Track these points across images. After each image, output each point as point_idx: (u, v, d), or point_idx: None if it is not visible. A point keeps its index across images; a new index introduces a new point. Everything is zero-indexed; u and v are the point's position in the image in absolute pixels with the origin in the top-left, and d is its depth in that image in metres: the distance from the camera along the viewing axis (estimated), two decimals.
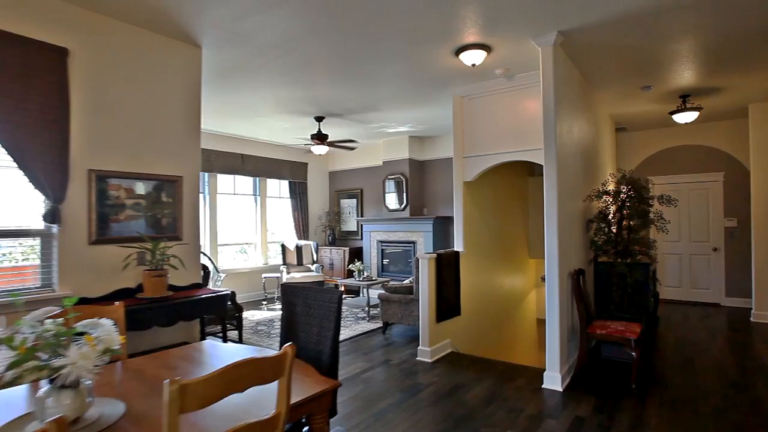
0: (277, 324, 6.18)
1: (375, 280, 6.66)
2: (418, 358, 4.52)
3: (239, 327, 4.97)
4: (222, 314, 3.56)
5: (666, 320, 6.05)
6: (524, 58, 4.24)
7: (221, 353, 2.26)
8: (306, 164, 9.08)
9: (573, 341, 4.12)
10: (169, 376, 1.34)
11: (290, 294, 2.48)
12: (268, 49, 4.01)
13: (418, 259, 4.69)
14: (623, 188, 4.60)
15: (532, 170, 7.66)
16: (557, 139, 3.80)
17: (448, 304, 4.77)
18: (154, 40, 3.57)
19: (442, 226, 7.85)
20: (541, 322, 7.94)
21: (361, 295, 6.99)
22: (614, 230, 4.55)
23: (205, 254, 6.80)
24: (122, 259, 3.23)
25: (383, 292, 5.61)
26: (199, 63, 3.93)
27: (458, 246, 5.13)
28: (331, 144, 6.65)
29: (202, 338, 3.74)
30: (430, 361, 4.43)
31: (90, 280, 3.08)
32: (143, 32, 3.50)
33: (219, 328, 4.88)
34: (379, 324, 5.86)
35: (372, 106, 5.93)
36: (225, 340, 3.68)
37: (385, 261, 8.32)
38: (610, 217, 4.58)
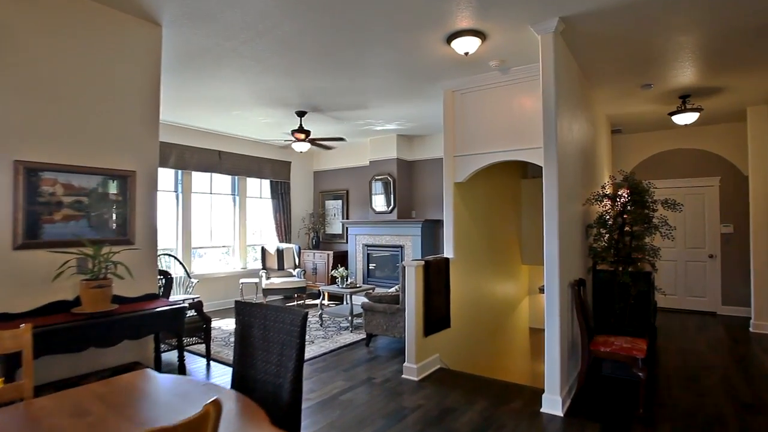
0: None
1: (359, 287, 6.24)
2: (403, 376, 4.10)
3: (207, 340, 4.51)
4: (178, 330, 3.12)
5: (663, 330, 5.73)
6: (521, 48, 3.87)
7: (153, 389, 1.82)
8: (289, 163, 8.63)
9: (572, 358, 3.75)
10: (73, 428, 1.05)
11: (245, 313, 2.06)
12: (238, 31, 3.58)
13: (404, 267, 4.28)
14: (624, 191, 4.26)
15: (525, 172, 7.33)
16: (558, 138, 3.42)
17: (436, 316, 4.37)
18: (105, 14, 3.12)
19: (431, 230, 7.47)
20: (534, 331, 7.60)
21: (345, 302, 6.57)
22: (615, 236, 4.20)
23: (175, 257, 6.32)
24: (57, 266, 2.76)
25: (366, 301, 5.19)
26: (158, 43, 3.48)
27: (448, 251, 4.74)
28: (313, 141, 6.22)
29: (157, 357, 3.28)
30: (416, 379, 4.02)
31: (13, 292, 2.61)
32: (93, 4, 3.05)
33: (191, 340, 4.43)
34: (364, 335, 5.44)
35: (357, 100, 5.52)
36: (181, 360, 3.23)
37: (372, 266, 7.90)
38: (610, 222, 4.22)
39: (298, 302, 7.76)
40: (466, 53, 3.65)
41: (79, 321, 2.59)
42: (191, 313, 4.43)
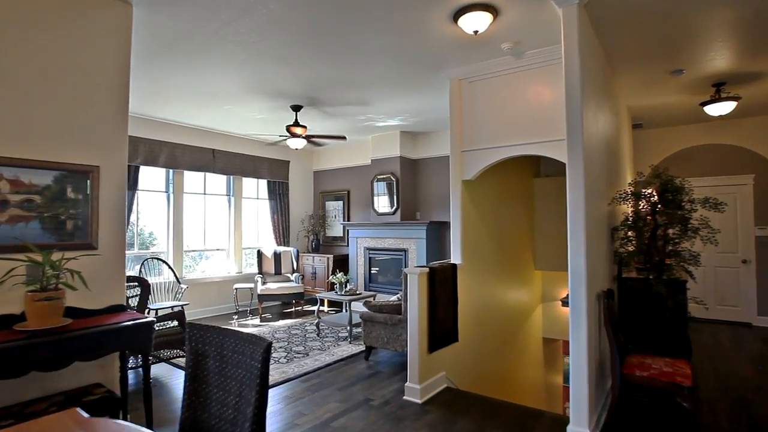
0: None
1: (359, 294, 5.80)
2: (405, 398, 3.65)
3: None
4: (143, 347, 2.69)
5: (695, 345, 5.21)
6: (538, 28, 3.42)
7: None
8: (287, 162, 8.22)
9: (600, 382, 3.27)
10: None
11: (199, 339, 1.63)
12: (219, 10, 3.17)
13: (406, 274, 3.84)
14: (653, 189, 3.78)
15: (538, 170, 6.86)
16: (584, 129, 2.96)
17: (442, 329, 3.91)
18: None
19: (437, 233, 7.01)
20: (547, 341, 7.11)
21: (344, 310, 6.14)
22: (646, 240, 3.72)
23: (164, 262, 5.93)
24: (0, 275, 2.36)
25: (366, 310, 4.75)
26: (128, 23, 3.07)
27: (455, 256, 4.29)
28: (310, 138, 5.80)
29: (123, 378, 2.86)
30: (419, 401, 3.57)
31: None
32: None
33: (172, 353, 4.02)
34: (363, 346, 4.99)
35: (356, 92, 5.09)
36: (147, 384, 2.80)
37: (374, 271, 7.46)
38: (640, 224, 3.75)
39: (296, 308, 7.34)
40: (476, 32, 3.20)
41: (18, 340, 2.17)
42: (172, 323, 4.02)
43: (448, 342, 4.00)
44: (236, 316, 6.73)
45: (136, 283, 3.76)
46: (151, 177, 6.47)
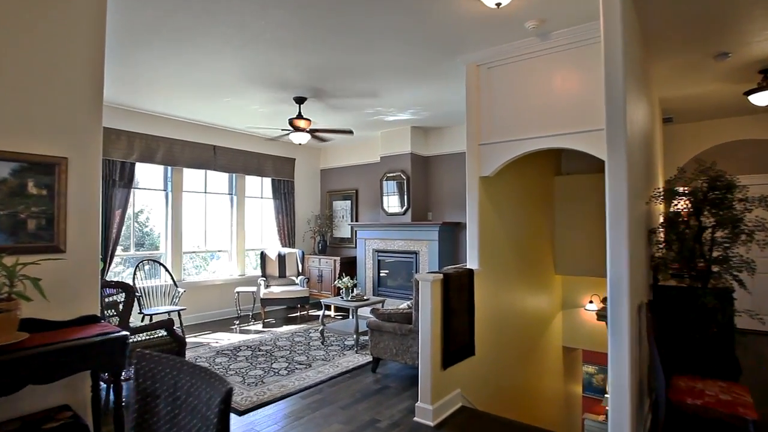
0: (245, 351, 4.95)
1: (367, 299, 5.41)
2: (416, 419, 3.25)
3: None
4: (114, 366, 2.34)
5: (741, 362, 4.72)
6: (567, 3, 3.00)
7: None
8: (293, 160, 7.88)
9: (640, 409, 2.84)
10: None
11: (149, 375, 1.25)
12: None
13: (417, 281, 3.44)
14: (698, 187, 3.33)
15: (559, 168, 6.40)
16: (627, 117, 2.54)
17: (458, 343, 3.51)
18: None
19: (450, 234, 6.60)
20: (567, 351, 6.65)
21: (350, 316, 5.77)
22: (690, 244, 3.27)
23: (160, 264, 5.61)
24: None
25: (373, 319, 4.36)
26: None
27: (472, 261, 3.88)
28: (314, 132, 5.43)
29: (95, 398, 2.51)
30: (432, 424, 3.17)
31: None
32: None
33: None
34: (371, 356, 4.60)
35: (364, 81, 4.71)
36: (118, 408, 2.44)
37: (383, 274, 7.07)
38: (682, 226, 3.30)
39: (301, 313, 6.98)
40: (498, 4, 2.79)
41: None
42: (161, 333, 3.67)
43: (464, 356, 3.60)
44: (237, 321, 6.39)
45: (120, 289, 3.42)
46: (149, 174, 6.17)
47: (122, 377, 2.90)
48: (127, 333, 2.38)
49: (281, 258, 7.05)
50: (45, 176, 2.42)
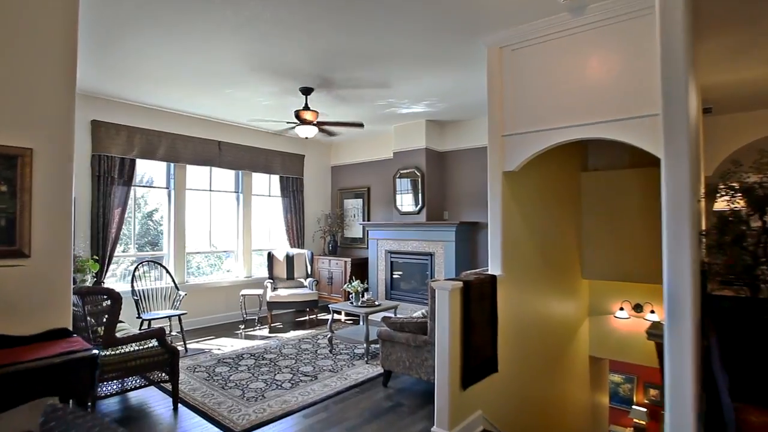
0: (247, 360, 4.63)
1: (378, 305, 5.04)
2: None
3: (173, 377, 3.42)
4: (78, 392, 2.01)
5: None
6: None
7: None
8: (302, 157, 7.54)
9: None
10: None
11: None
12: None
13: (433, 290, 3.06)
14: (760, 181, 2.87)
15: (585, 163, 5.93)
16: (688, 100, 2.12)
17: (479, 359, 3.11)
18: None
19: (467, 235, 6.18)
20: (594, 360, 6.19)
21: (361, 322, 5.41)
22: (751, 248, 2.81)
23: (161, 265, 5.33)
24: None
25: (385, 328, 3.99)
26: None
27: (494, 266, 3.48)
28: (322, 125, 5.07)
29: None
30: None
31: None
32: None
33: (159, 376, 3.36)
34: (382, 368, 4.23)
35: (375, 68, 4.34)
36: None
37: (396, 275, 6.69)
38: (743, 227, 2.84)
39: (310, 317, 6.64)
40: None
41: None
42: (152, 343, 3.36)
43: (486, 374, 3.20)
44: (243, 326, 6.08)
45: (105, 296, 3.11)
46: (151, 171, 5.90)
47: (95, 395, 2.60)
48: (96, 352, 2.05)
49: (289, 259, 6.73)
50: (5, 169, 2.10)
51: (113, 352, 3.13)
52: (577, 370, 5.64)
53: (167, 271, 5.38)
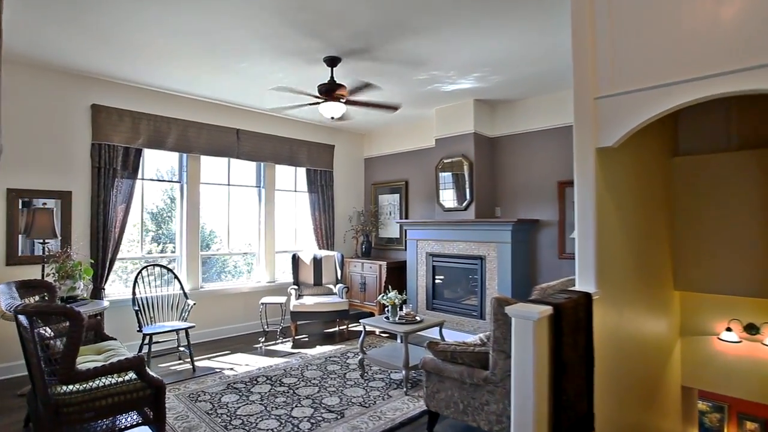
0: (262, 385, 3.84)
1: (419, 320, 4.12)
2: None
3: (157, 418, 2.64)
4: None
5: None
6: None
7: None
8: (332, 147, 6.74)
9: None
10: None
11: None
12: None
13: (505, 315, 2.12)
14: None
15: (675, 145, 4.78)
16: None
17: (572, 414, 2.14)
18: None
19: (525, 235, 5.17)
20: (687, 391, 5.02)
21: (398, 339, 4.53)
22: None
23: (167, 269, 4.65)
24: None
25: (430, 356, 3.07)
26: None
27: (584, 279, 2.50)
28: (352, 103, 4.21)
29: None
30: None
31: None
32: None
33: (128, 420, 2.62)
34: (424, 403, 3.32)
35: (416, 28, 3.42)
36: None
37: (438, 280, 5.75)
38: None
39: (340, 328, 5.82)
40: None
41: None
42: (129, 376, 2.60)
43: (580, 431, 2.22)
44: (263, 339, 5.32)
45: (63, 317, 2.37)
46: (159, 162, 5.23)
47: None
48: None
49: (317, 262, 5.93)
50: None
51: (75, 389, 2.38)
52: (670, 407, 4.51)
53: (175, 276, 4.68)
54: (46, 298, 3.03)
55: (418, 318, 4.15)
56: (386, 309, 4.17)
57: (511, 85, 4.81)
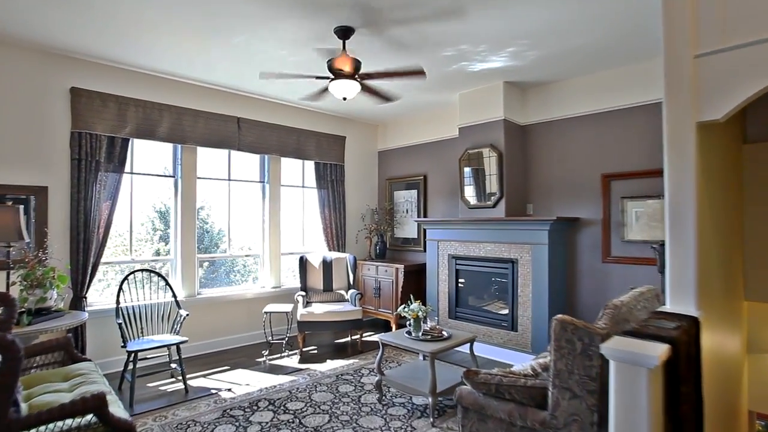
0: (264, 412, 3.27)
1: (446, 336, 3.51)
2: None
3: None
4: None
5: None
6: None
7: None
8: (343, 139, 6.15)
9: None
10: None
11: None
12: None
13: (615, 365, 1.51)
14: None
15: (743, 131, 4.10)
16: None
17: None
18: None
19: (563, 236, 4.54)
20: (752, 417, 4.35)
21: (421, 356, 3.93)
22: None
23: (158, 274, 4.11)
24: None
25: (467, 388, 2.47)
26: None
27: (679, 295, 1.90)
28: (368, 79, 3.61)
29: None
30: None
31: None
32: None
33: None
34: (454, 428, 2.73)
35: None
36: None
37: (461, 283, 5.13)
38: None
39: (353, 338, 5.24)
40: None
41: None
42: (88, 419, 2.03)
43: None
44: (267, 352, 4.75)
45: None
46: (151, 155, 4.68)
47: None
48: None
49: (327, 265, 5.35)
50: None
51: None
52: (736, 429, 3.85)
53: (167, 283, 4.13)
54: None
55: (444, 333, 3.54)
56: (408, 323, 3.57)
57: (549, 62, 4.17)
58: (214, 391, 3.70)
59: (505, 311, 4.66)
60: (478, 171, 4.95)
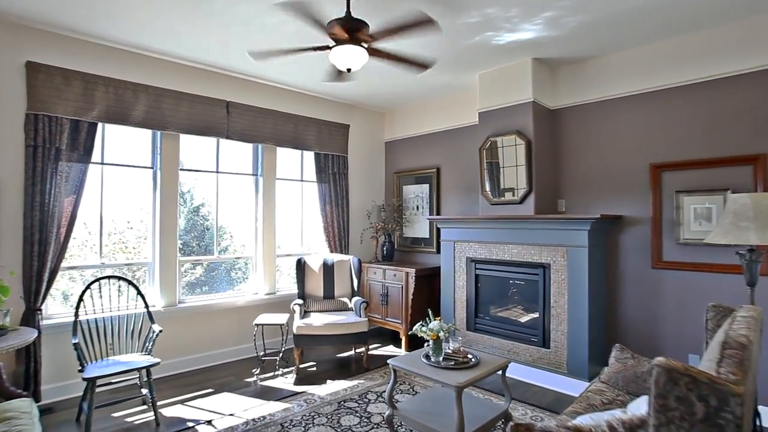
0: None
1: (474, 362, 2.86)
2: None
3: None
4: None
5: None
6: None
7: None
8: (346, 128, 5.51)
9: None
10: None
11: None
12: None
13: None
14: None
15: None
16: None
17: None
18: None
19: (602, 236, 3.89)
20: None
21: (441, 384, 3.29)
22: None
23: (128, 281, 3.49)
24: None
25: None
26: None
27: None
28: (376, 53, 2.97)
29: None
30: None
31: None
32: None
33: None
34: None
35: None
36: None
37: (481, 292, 4.49)
38: None
39: (357, 352, 4.62)
40: None
41: None
42: None
43: None
44: (258, 370, 4.13)
45: None
46: (127, 143, 4.06)
47: None
48: None
49: (328, 269, 4.73)
50: None
51: None
52: None
53: (138, 292, 3.51)
54: None
55: (471, 356, 2.90)
56: (426, 344, 2.93)
57: (593, 31, 3.50)
58: (191, 425, 3.08)
59: (535, 325, 4.02)
60: (502, 161, 4.30)
